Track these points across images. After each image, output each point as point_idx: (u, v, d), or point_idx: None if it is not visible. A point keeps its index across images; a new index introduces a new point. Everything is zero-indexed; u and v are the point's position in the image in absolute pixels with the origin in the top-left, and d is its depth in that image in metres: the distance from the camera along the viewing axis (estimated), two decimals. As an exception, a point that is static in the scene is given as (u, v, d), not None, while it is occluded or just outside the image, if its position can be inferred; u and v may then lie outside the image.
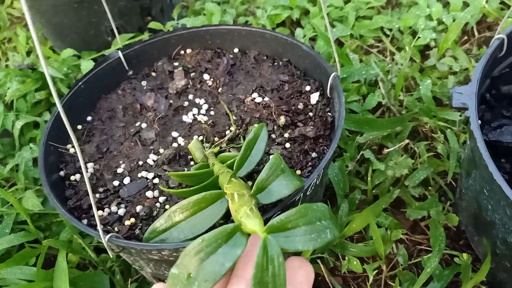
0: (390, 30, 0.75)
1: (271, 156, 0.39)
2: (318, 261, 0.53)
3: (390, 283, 0.53)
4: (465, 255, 0.49)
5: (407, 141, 0.59)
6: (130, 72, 0.60)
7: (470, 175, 0.46)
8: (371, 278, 0.51)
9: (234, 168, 0.42)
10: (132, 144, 0.52)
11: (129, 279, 0.57)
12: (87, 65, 0.68)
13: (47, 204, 0.62)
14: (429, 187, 0.58)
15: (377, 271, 0.52)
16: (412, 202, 0.56)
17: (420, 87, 0.62)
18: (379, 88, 0.66)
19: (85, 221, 0.45)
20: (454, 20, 0.71)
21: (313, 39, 0.79)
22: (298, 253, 0.47)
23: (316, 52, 0.54)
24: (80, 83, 0.55)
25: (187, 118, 0.54)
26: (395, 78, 0.67)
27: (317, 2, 0.80)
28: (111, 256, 0.41)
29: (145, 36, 0.79)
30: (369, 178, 0.58)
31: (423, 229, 0.57)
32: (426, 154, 0.58)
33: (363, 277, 0.55)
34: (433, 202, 0.54)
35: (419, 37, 0.71)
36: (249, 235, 0.35)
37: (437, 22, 0.72)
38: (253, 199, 0.37)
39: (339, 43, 0.77)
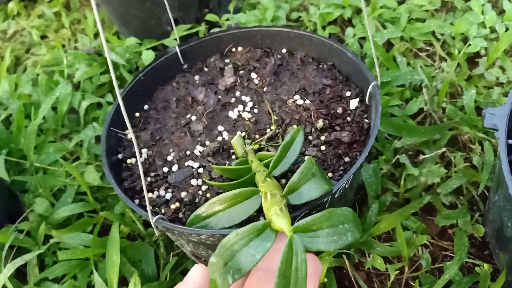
0: (442, 34, 0.75)
1: (305, 158, 0.43)
2: (344, 256, 0.57)
3: (411, 283, 0.56)
4: (486, 265, 0.51)
5: (444, 149, 0.60)
6: (185, 66, 0.65)
7: (497, 191, 0.47)
8: (392, 277, 0.54)
9: (270, 167, 0.46)
10: (182, 134, 0.57)
11: (171, 252, 0.64)
12: (147, 54, 0.74)
13: (105, 179, 0.70)
14: (461, 196, 0.59)
15: (399, 271, 0.55)
16: (442, 209, 0.58)
17: (463, 96, 0.63)
18: (423, 93, 0.67)
19: (137, 201, 0.51)
20: (506, 30, 0.69)
21: (363, 38, 0.80)
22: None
23: (359, 59, 0.56)
24: (140, 75, 0.61)
25: (233, 114, 0.58)
26: (439, 84, 0.67)
27: (371, 2, 0.81)
28: (157, 235, 0.47)
29: (202, 28, 0.84)
30: (402, 182, 0.61)
31: (450, 236, 0.59)
32: (462, 163, 0.59)
33: (386, 275, 0.58)
34: (461, 212, 0.56)
35: (469, 44, 0.70)
36: (277, 231, 0.39)
37: (489, 30, 0.71)
38: (284, 199, 0.42)
39: (389, 44, 0.78)
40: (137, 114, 0.61)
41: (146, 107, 0.62)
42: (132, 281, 0.57)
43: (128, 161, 0.56)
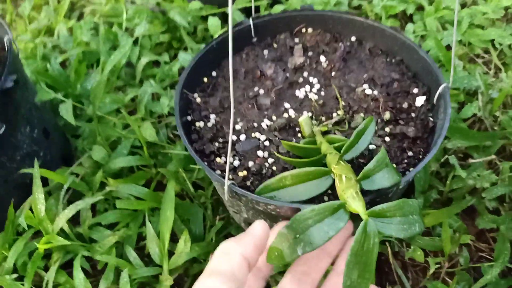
0: (500, 44, 0.77)
1: (379, 149, 0.46)
2: (386, 243, 0.60)
3: (447, 279, 0.59)
4: (523, 272, 0.54)
5: (494, 156, 0.62)
6: (255, 39, 0.66)
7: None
8: (432, 270, 0.57)
9: (342, 151, 0.48)
10: (250, 106, 0.59)
11: (217, 216, 0.67)
12: (213, 21, 0.76)
13: (159, 136, 0.72)
14: (504, 203, 0.62)
15: (437, 266, 0.59)
16: (485, 213, 0.61)
17: (519, 109, 0.65)
18: (477, 99, 0.69)
19: (205, 164, 0.53)
20: None
21: (422, 36, 0.81)
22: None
23: (431, 59, 0.57)
24: (213, 42, 0.62)
25: (300, 93, 0.60)
26: (495, 92, 0.69)
27: (434, 1, 0.81)
28: (225, 199, 0.49)
29: (264, 2, 0.84)
30: (448, 182, 0.63)
31: (487, 239, 0.62)
32: (508, 173, 0.62)
33: (421, 267, 0.62)
34: (506, 218, 0.58)
35: (528, 58, 0.72)
36: (351, 213, 0.42)
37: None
38: (358, 184, 0.44)
39: (447, 46, 0.79)
40: (205, 80, 0.63)
41: (214, 73, 0.64)
42: (183, 238, 0.60)
43: (197, 124, 0.58)
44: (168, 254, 0.59)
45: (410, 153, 0.53)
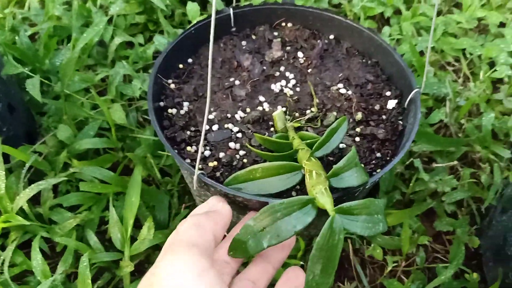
0: (471, 54, 0.79)
1: (349, 148, 0.46)
2: (348, 240, 0.61)
3: (403, 277, 0.61)
4: (475, 274, 0.57)
5: (456, 162, 0.65)
6: (234, 29, 0.66)
7: (506, 212, 0.52)
8: (389, 268, 0.59)
9: (314, 148, 0.49)
10: (224, 96, 0.59)
11: (183, 204, 0.66)
12: (192, 7, 0.74)
13: (128, 119, 0.70)
14: (462, 208, 0.65)
15: (395, 264, 0.60)
16: (443, 216, 0.63)
17: (483, 118, 0.67)
18: (444, 106, 0.72)
19: (175, 152, 0.53)
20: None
21: (397, 40, 0.83)
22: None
23: (405, 63, 0.59)
24: (192, 29, 0.61)
25: (275, 87, 0.60)
26: (462, 100, 0.71)
27: (412, 5, 0.83)
28: (194, 188, 0.49)
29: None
30: (411, 184, 0.65)
31: (443, 241, 0.65)
32: (468, 179, 0.64)
33: (379, 264, 0.64)
34: (463, 222, 0.61)
35: (495, 70, 0.75)
36: (319, 209, 0.42)
37: (517, 60, 0.76)
38: (327, 181, 0.45)
39: (421, 52, 0.81)
40: (180, 66, 0.62)
41: (190, 60, 0.63)
42: (146, 224, 0.59)
43: (169, 110, 0.57)
44: (130, 240, 0.58)
45: (378, 154, 0.54)
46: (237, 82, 0.60)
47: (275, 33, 0.66)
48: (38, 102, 0.71)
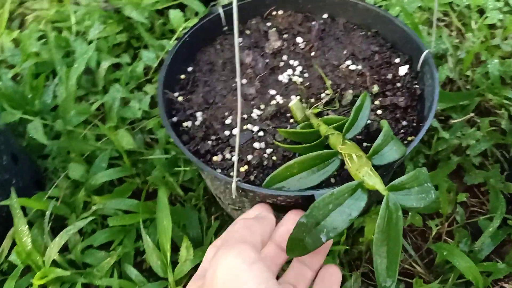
0: (458, 5, 0.79)
1: (374, 124, 0.46)
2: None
3: (446, 238, 0.61)
4: (517, 219, 0.57)
5: (472, 114, 0.65)
6: (225, 28, 0.64)
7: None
8: (434, 232, 0.59)
9: (344, 130, 0.48)
10: (234, 98, 0.57)
11: (212, 216, 0.65)
12: (175, 14, 0.72)
13: (136, 143, 0.68)
14: (488, 158, 0.65)
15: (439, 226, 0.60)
16: (472, 170, 0.63)
17: (488, 65, 0.67)
18: (446, 62, 0.71)
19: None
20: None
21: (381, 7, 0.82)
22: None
23: (408, 28, 0.58)
24: (186, 36, 0.59)
25: (283, 78, 0.58)
26: (463, 53, 0.71)
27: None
28: (233, 197, 0.47)
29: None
30: (433, 145, 0.65)
31: (476, 194, 0.65)
32: (488, 128, 0.64)
33: (419, 231, 0.63)
34: (494, 171, 0.61)
35: (487, 17, 0.75)
36: (369, 191, 0.41)
37: (503, 3, 0.76)
38: (370, 161, 0.44)
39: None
40: (182, 76, 0.59)
41: (190, 69, 0.60)
42: (184, 245, 0.57)
43: (184, 124, 0.55)
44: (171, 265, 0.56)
45: (404, 123, 0.53)
46: (244, 81, 0.58)
47: (268, 24, 0.64)
48: (36, 146, 0.68)
